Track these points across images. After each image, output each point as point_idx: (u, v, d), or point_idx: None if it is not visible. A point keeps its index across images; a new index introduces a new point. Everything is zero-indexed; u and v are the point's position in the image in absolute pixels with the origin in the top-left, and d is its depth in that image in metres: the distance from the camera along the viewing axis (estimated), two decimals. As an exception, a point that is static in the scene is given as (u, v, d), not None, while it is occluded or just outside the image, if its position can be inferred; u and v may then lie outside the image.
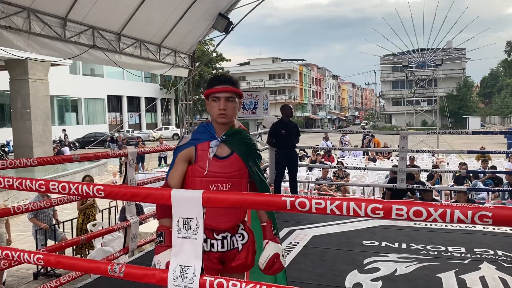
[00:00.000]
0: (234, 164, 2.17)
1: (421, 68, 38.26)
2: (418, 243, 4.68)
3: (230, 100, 2.15)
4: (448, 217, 1.31)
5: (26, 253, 1.89)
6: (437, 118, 34.78)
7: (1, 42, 5.49)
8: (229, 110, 2.14)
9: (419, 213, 1.34)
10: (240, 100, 2.23)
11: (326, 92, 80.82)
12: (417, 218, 1.34)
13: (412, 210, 1.34)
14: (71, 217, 7.18)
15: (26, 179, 1.87)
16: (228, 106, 2.14)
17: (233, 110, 2.16)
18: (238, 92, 2.18)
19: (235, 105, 2.17)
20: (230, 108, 2.15)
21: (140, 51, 8.05)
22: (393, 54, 44.20)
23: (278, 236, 2.26)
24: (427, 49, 35.87)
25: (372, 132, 13.96)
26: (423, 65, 37.12)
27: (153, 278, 1.67)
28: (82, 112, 37.83)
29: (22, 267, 6.15)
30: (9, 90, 18.23)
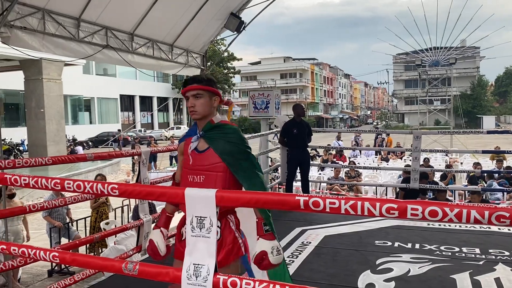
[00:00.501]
0: (208, 158, 2.28)
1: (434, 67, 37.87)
2: (431, 243, 4.63)
3: (198, 97, 2.30)
4: (465, 217, 1.29)
5: (42, 251, 1.91)
6: (451, 118, 34.41)
7: (16, 42, 5.55)
8: (197, 107, 2.30)
9: (434, 213, 1.32)
10: (214, 96, 2.36)
11: (338, 91, 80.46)
12: (432, 218, 1.33)
13: (427, 210, 1.33)
14: (84, 215, 7.26)
15: (41, 178, 1.89)
16: (196, 103, 2.30)
17: (202, 106, 2.31)
18: (205, 89, 2.31)
19: (206, 101, 2.31)
20: (198, 105, 2.30)
21: (152, 51, 8.08)
22: (406, 53, 43.84)
23: (271, 232, 2.22)
24: (440, 48, 35.50)
25: (386, 131, 13.86)
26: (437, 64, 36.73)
27: (166, 276, 1.68)
28: (95, 111, 38.20)
29: (37, 265, 6.23)
30: (24, 90, 18.48)
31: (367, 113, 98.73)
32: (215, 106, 2.38)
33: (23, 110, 23.89)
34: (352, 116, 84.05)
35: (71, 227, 6.92)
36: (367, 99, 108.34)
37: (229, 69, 48.14)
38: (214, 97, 2.36)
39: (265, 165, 8.71)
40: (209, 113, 2.35)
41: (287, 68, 66.06)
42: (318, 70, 70.56)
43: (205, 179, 2.29)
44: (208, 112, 2.34)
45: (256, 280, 1.55)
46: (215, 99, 2.37)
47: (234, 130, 2.36)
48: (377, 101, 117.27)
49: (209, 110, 2.34)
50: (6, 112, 28.21)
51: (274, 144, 8.33)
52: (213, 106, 2.36)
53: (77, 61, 17.15)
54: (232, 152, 2.28)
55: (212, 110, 2.36)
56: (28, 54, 6.36)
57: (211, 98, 2.34)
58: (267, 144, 8.35)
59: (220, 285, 1.59)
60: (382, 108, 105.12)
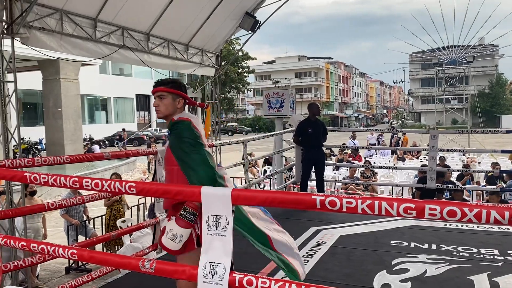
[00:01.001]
0: (169, 153, 2.52)
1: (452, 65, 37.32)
2: (448, 244, 4.57)
3: (162, 97, 2.55)
4: (484, 217, 1.28)
5: (61, 248, 1.94)
6: (468, 117, 33.87)
7: (35, 43, 5.64)
8: (160, 107, 2.55)
9: (453, 213, 1.31)
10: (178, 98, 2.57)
11: (353, 90, 79.91)
12: (451, 218, 1.31)
13: (446, 210, 1.31)
14: (100, 213, 7.35)
15: (60, 176, 1.92)
16: (160, 103, 2.54)
17: (165, 106, 2.55)
18: (168, 91, 2.54)
19: (169, 102, 2.54)
20: (161, 105, 2.54)
21: (168, 50, 8.14)
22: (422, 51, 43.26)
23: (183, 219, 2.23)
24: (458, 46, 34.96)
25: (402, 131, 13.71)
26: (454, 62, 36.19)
27: (183, 274, 1.69)
28: (111, 111, 38.60)
29: (55, 262, 6.33)
30: (42, 90, 18.77)
31: (382, 112, 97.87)
32: (179, 107, 2.58)
33: (41, 110, 24.28)
34: (368, 115, 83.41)
35: (88, 225, 7.02)
36: (382, 98, 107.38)
37: (243, 69, 48.18)
38: (177, 98, 2.57)
39: (280, 164, 8.71)
40: (172, 113, 2.56)
41: (301, 67, 65.85)
42: (333, 69, 70.17)
43: (168, 174, 2.57)
44: (171, 112, 2.56)
45: (272, 279, 1.55)
46: (179, 101, 2.58)
47: (182, 126, 2.48)
48: (393, 100, 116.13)
49: (172, 110, 2.56)
50: (24, 112, 28.74)
51: (289, 143, 8.32)
52: (177, 106, 2.57)
53: (94, 61, 17.37)
54: (176, 147, 2.44)
55: (175, 110, 2.57)
56: (46, 54, 6.46)
57: (175, 100, 2.56)
58: (282, 143, 8.34)
59: (236, 283, 1.59)
60: (398, 107, 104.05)
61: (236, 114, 59.54)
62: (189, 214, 2.24)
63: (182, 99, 2.60)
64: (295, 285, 1.50)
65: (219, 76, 10.00)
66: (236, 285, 1.61)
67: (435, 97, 39.37)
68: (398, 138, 19.03)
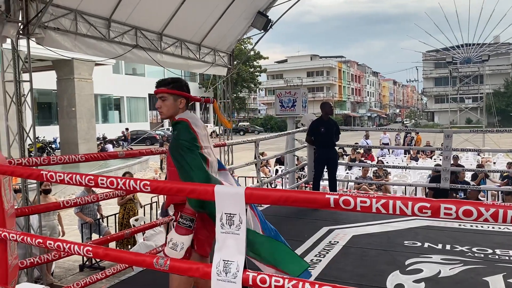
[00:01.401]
0: (169, 159, 2.51)
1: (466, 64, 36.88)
2: (463, 244, 4.52)
3: (163, 99, 2.54)
4: (501, 217, 1.26)
5: (76, 245, 1.97)
6: (483, 116, 33.45)
7: (50, 43, 5.72)
8: (163, 108, 2.55)
9: (469, 212, 1.29)
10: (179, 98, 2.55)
11: (366, 89, 79.42)
12: (466, 218, 1.30)
13: (461, 210, 1.30)
14: (114, 212, 7.42)
15: (76, 174, 1.94)
16: (162, 104, 2.54)
17: (166, 107, 2.54)
18: (169, 92, 2.52)
19: (170, 103, 2.53)
20: (163, 106, 2.54)
21: (180, 50, 8.19)
22: (436, 50, 42.87)
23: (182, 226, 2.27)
24: (472, 44, 34.54)
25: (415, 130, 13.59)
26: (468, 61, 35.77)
27: (197, 272, 1.70)
28: (124, 110, 38.92)
29: (69, 259, 6.41)
30: (56, 89, 19.00)
31: (396, 112, 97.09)
32: (181, 107, 2.57)
33: (56, 109, 24.58)
34: (381, 114, 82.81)
35: (102, 223, 7.09)
36: (396, 97, 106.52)
37: (255, 68, 48.19)
38: (179, 99, 2.56)
39: (292, 164, 8.70)
40: (174, 114, 2.56)
41: (314, 66, 65.64)
42: (345, 68, 69.82)
43: (169, 174, 2.55)
44: (173, 113, 2.55)
45: (285, 278, 1.56)
46: (180, 101, 2.56)
47: (179, 126, 2.48)
48: (406, 99, 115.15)
49: (174, 111, 2.55)
50: (39, 111, 29.12)
51: (301, 142, 8.30)
52: (179, 107, 2.56)
53: (107, 61, 17.55)
54: (173, 148, 2.44)
55: (177, 110, 2.56)
56: (61, 54, 6.54)
57: (176, 100, 2.55)
58: (294, 142, 8.33)
59: (250, 281, 1.60)
60: (411, 107, 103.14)
61: (248, 113, 59.60)
62: (186, 221, 2.26)
63: (183, 99, 2.59)
64: (309, 284, 1.50)
65: (231, 76, 10.02)
66: (249, 283, 1.61)
67: (449, 96, 38.94)
68: (412, 137, 18.87)
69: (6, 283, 2.21)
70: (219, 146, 5.58)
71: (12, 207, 2.32)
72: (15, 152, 5.57)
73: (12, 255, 2.27)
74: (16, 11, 5.21)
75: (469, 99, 49.69)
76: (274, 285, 1.55)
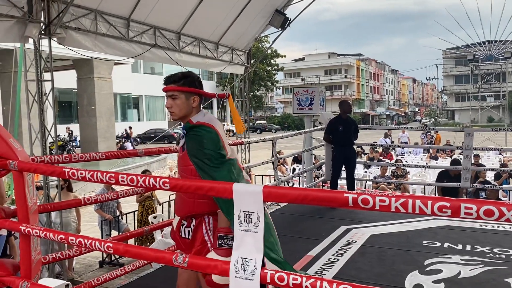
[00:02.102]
0: (184, 158, 2.27)
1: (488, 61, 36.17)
2: (484, 245, 4.44)
3: (174, 97, 2.22)
4: (523, 217, 1.24)
5: (97, 241, 2.01)
6: (505, 114, 32.81)
7: (71, 42, 5.82)
8: (174, 108, 2.23)
9: (490, 212, 1.28)
10: (193, 96, 2.24)
11: (384, 87, 78.58)
12: (488, 217, 1.28)
13: (482, 209, 1.28)
14: (132, 209, 7.51)
15: (97, 172, 1.98)
16: (173, 104, 2.23)
17: (178, 108, 2.22)
18: (181, 90, 2.21)
19: (182, 102, 2.22)
20: (175, 106, 2.23)
21: (198, 49, 8.24)
22: (457, 47, 42.10)
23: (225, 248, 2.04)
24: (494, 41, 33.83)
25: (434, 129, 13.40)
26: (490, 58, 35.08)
27: (215, 269, 1.71)
28: (143, 109, 39.33)
29: (89, 256, 6.52)
30: (76, 88, 19.32)
31: (415, 110, 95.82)
32: (195, 106, 2.26)
33: (76, 108, 24.99)
34: (400, 113, 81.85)
35: (121, 220, 7.18)
36: (415, 96, 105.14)
37: (272, 66, 48.14)
38: (192, 96, 2.24)
39: (309, 162, 8.67)
40: (187, 113, 2.26)
41: (331, 64, 65.24)
42: (364, 65, 69.20)
43: (183, 172, 2.34)
44: (186, 112, 2.26)
45: (303, 276, 1.56)
46: (193, 99, 2.25)
47: (204, 133, 2.19)
48: (426, 97, 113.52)
49: (187, 110, 2.25)
50: (60, 110, 29.63)
51: (319, 141, 8.27)
52: (192, 106, 2.25)
53: (126, 60, 17.74)
54: (196, 155, 2.17)
55: (191, 110, 2.26)
56: (81, 53, 6.65)
57: (189, 98, 2.24)
58: (311, 141, 8.30)
59: (267, 279, 1.61)
60: (431, 105, 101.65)
61: (265, 112, 59.60)
62: (229, 241, 2.02)
63: (197, 97, 2.26)
64: (327, 282, 1.50)
65: (248, 74, 10.03)
66: (267, 281, 1.62)
67: (470, 94, 38.28)
68: (431, 136, 18.59)
69: (30, 277, 2.26)
70: (236, 144, 5.60)
71: (35, 204, 2.37)
72: (37, 150, 5.70)
73: (35, 251, 2.32)
74: (38, 12, 5.32)
75: (490, 97, 48.71)
76: (292, 283, 1.56)
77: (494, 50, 34.24)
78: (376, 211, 1.44)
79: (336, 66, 64.89)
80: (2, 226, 2.37)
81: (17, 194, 2.26)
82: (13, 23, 5.06)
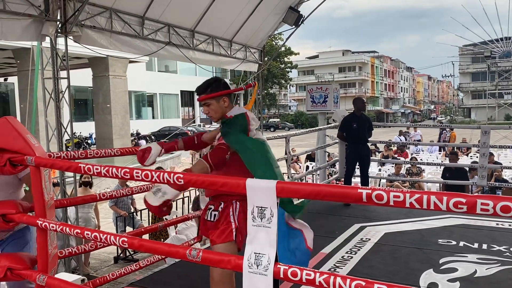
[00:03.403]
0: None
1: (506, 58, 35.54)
2: (500, 244, 4.38)
3: (207, 105, 2.61)
4: (541, 214, 1.22)
5: (112, 236, 2.03)
6: (523, 112, 32.18)
7: (87, 41, 5.89)
8: (211, 113, 2.63)
9: (507, 208, 1.26)
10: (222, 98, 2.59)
11: (399, 85, 77.78)
12: (505, 214, 1.26)
13: (499, 206, 1.26)
14: (147, 206, 7.57)
15: (112, 167, 2.00)
16: (209, 110, 2.63)
17: (214, 112, 2.61)
18: (210, 97, 2.58)
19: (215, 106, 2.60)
20: (210, 111, 2.62)
21: (212, 47, 8.25)
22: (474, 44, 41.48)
23: None
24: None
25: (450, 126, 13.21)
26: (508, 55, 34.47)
27: (228, 264, 1.72)
28: (157, 107, 39.58)
29: (104, 251, 6.60)
30: (92, 86, 19.52)
31: (430, 108, 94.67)
32: (226, 106, 2.62)
33: (91, 106, 25.26)
34: (415, 110, 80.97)
35: (135, 216, 7.26)
36: (430, 93, 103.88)
37: (286, 64, 48.00)
38: (221, 99, 2.60)
39: (323, 160, 8.64)
40: (223, 113, 2.61)
41: (345, 61, 64.79)
42: (378, 63, 68.58)
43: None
44: (221, 113, 2.62)
45: (316, 271, 1.56)
46: (224, 100, 2.61)
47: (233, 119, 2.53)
48: (442, 95, 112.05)
49: (222, 111, 2.61)
50: (76, 108, 29.99)
51: (332, 138, 8.23)
52: (224, 106, 2.61)
53: (141, 58, 17.83)
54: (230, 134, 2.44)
55: (224, 109, 2.62)
56: (97, 52, 6.72)
57: (219, 101, 2.60)
58: (325, 138, 8.27)
59: (281, 274, 1.61)
60: (446, 103, 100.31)
61: (278, 109, 59.49)
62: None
63: (226, 97, 2.62)
64: (340, 278, 1.49)
65: (262, 72, 10.03)
66: (280, 276, 1.62)
67: (487, 91, 37.64)
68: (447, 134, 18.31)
69: (47, 271, 2.30)
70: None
71: (51, 199, 2.41)
72: (53, 147, 5.78)
73: (52, 245, 2.36)
74: (55, 11, 5.39)
75: (508, 94, 47.88)
76: (305, 278, 1.56)
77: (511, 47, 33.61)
78: (390, 207, 1.43)
79: (350, 63, 64.43)
80: (19, 220, 2.41)
81: (34, 189, 2.30)
82: (30, 22, 5.13)
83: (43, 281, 2.26)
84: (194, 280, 3.56)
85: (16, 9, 4.90)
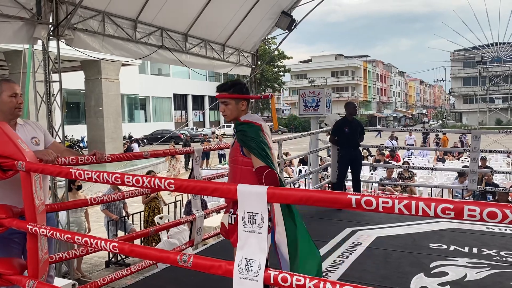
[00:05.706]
0: (234, 151, 2.69)
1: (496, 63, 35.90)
2: (490, 248, 4.42)
3: (225, 103, 2.67)
4: (527, 220, 1.24)
5: (103, 241, 2.03)
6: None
7: (79, 44, 5.87)
8: (226, 112, 2.69)
9: (493, 214, 1.27)
10: (241, 101, 2.67)
11: (391, 89, 78.23)
12: (491, 220, 1.28)
13: (485, 211, 1.28)
14: (139, 210, 7.55)
15: (103, 172, 2.00)
16: (225, 108, 2.69)
17: (230, 111, 2.68)
18: (231, 97, 2.65)
19: (233, 106, 2.67)
20: (227, 110, 2.69)
21: (205, 50, 8.26)
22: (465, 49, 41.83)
23: None
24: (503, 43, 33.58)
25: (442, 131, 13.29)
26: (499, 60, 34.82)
27: (219, 269, 1.72)
28: (150, 110, 39.48)
29: (95, 256, 6.56)
30: (84, 89, 19.43)
31: (422, 112, 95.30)
32: (243, 109, 2.70)
33: (83, 109, 25.13)
34: (407, 115, 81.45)
35: (127, 220, 7.22)
36: (422, 97, 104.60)
37: (279, 68, 48.11)
38: (240, 102, 2.68)
39: (315, 164, 8.66)
40: (237, 116, 2.70)
41: (338, 65, 65.07)
42: (371, 67, 68.95)
43: (231, 170, 2.73)
44: (236, 115, 2.70)
45: (306, 277, 1.56)
46: (242, 103, 2.69)
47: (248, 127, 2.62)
48: (433, 99, 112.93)
49: (237, 113, 2.70)
50: (67, 110, 29.83)
51: (325, 142, 8.26)
52: (241, 109, 2.69)
53: (133, 61, 17.84)
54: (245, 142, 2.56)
55: (240, 112, 2.70)
56: (89, 55, 6.70)
57: (238, 103, 2.68)
58: (317, 142, 8.29)
59: (271, 280, 1.61)
60: (438, 107, 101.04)
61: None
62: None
63: (245, 101, 2.71)
64: (330, 284, 1.50)
65: (255, 76, 10.04)
66: (271, 281, 1.63)
67: (478, 96, 37.95)
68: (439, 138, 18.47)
69: (37, 276, 2.28)
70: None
71: (42, 204, 2.40)
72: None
73: (42, 250, 2.35)
74: (47, 14, 5.37)
75: (499, 99, 48.36)
76: (295, 284, 1.56)
77: (502, 52, 33.97)
78: (380, 212, 1.45)
79: (343, 67, 64.71)
80: (9, 225, 2.39)
81: (25, 194, 2.29)
82: (22, 25, 5.11)
83: (33, 287, 2.24)
84: (187, 285, 3.55)
85: (8, 12, 4.87)
